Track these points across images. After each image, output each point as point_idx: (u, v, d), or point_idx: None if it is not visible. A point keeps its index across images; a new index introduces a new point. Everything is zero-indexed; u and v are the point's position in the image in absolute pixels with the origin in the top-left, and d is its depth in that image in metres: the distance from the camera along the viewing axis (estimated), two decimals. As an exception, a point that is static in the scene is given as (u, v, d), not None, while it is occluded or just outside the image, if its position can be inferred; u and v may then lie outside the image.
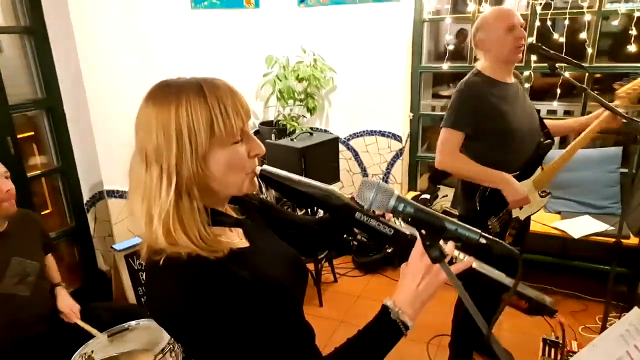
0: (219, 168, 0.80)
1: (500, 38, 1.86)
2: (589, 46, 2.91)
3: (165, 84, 0.83)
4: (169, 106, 0.78)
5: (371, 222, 0.88)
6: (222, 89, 0.81)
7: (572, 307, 2.90)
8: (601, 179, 3.02)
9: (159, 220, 0.77)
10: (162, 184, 0.77)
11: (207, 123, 0.77)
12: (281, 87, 3.33)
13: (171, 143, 0.77)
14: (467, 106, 1.89)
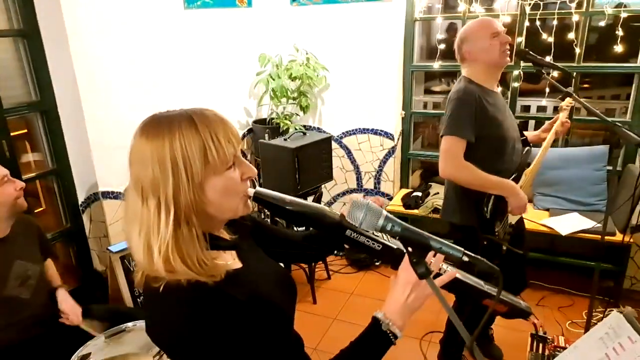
0: (214, 194, 0.83)
1: (486, 45, 1.91)
2: (577, 46, 2.96)
3: (157, 118, 0.84)
4: (163, 139, 0.80)
5: (360, 239, 0.94)
6: (212, 119, 0.84)
7: (559, 302, 2.98)
8: (588, 177, 3.08)
9: (158, 252, 0.78)
10: (160, 215, 0.79)
11: (201, 153, 0.80)
12: (274, 86, 3.35)
13: (167, 175, 0.79)
14: (467, 113, 1.88)
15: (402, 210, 3.41)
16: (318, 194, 3.18)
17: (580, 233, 2.82)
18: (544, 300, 3.00)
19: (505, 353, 2.54)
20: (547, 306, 2.95)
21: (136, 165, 0.82)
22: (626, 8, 2.74)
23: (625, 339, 0.88)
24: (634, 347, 0.85)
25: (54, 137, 2.25)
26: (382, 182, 3.69)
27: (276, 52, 3.52)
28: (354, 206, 0.81)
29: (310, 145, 2.88)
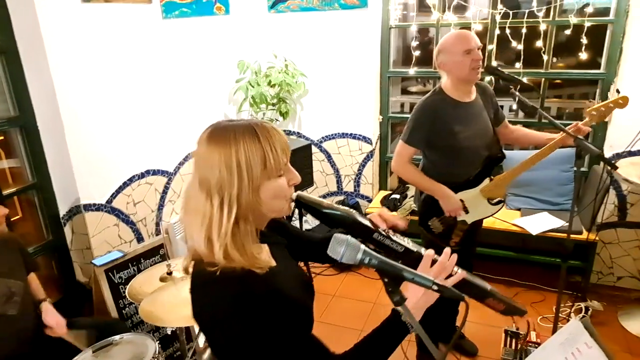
0: (267, 196, 0.96)
1: (458, 60, 2.02)
2: (545, 53, 3.10)
3: (223, 127, 0.97)
4: (230, 146, 0.93)
5: (386, 242, 1.07)
6: (270, 131, 0.97)
7: (531, 298, 3.12)
8: (557, 178, 3.23)
9: (218, 242, 0.91)
10: (223, 211, 0.92)
11: (261, 160, 0.93)
12: (253, 93, 3.39)
13: (233, 177, 0.92)
14: (420, 125, 2.11)
15: (381, 212, 3.49)
16: (299, 200, 3.24)
17: (550, 232, 2.96)
18: (517, 297, 3.14)
19: (479, 348, 2.66)
20: (520, 302, 3.06)
21: (204, 167, 0.94)
22: (590, 18, 2.88)
23: (582, 345, 0.97)
24: (590, 352, 0.94)
25: (33, 151, 2.24)
26: (361, 185, 3.77)
27: (255, 58, 3.56)
28: (335, 241, 0.88)
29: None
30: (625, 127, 2.71)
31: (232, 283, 0.91)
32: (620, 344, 2.66)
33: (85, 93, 2.33)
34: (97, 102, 2.41)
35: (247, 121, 0.98)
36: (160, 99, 2.86)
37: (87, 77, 2.34)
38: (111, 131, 2.52)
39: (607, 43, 3.00)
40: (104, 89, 2.45)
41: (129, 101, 2.62)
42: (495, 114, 2.27)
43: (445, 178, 2.15)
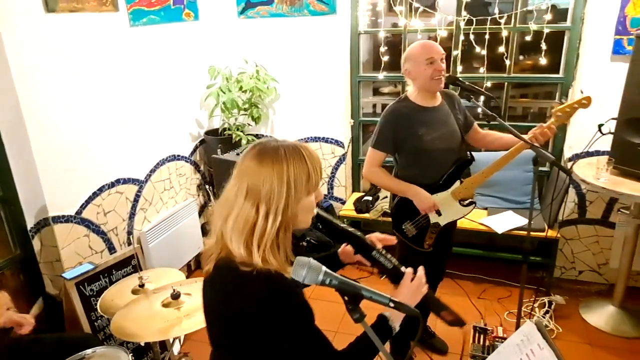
0: (303, 210, 1.09)
1: (421, 70, 2.10)
2: (507, 58, 3.21)
3: (274, 146, 1.08)
4: (282, 163, 1.04)
5: (381, 259, 1.30)
6: (313, 152, 1.11)
7: (499, 294, 3.23)
8: (521, 178, 3.36)
9: (258, 246, 1.03)
10: (268, 219, 1.03)
11: (306, 178, 1.07)
12: (225, 99, 3.39)
13: (282, 190, 1.04)
14: (387, 131, 2.20)
15: (354, 214, 3.56)
16: (272, 205, 3.27)
17: (514, 230, 3.08)
18: (485, 293, 3.25)
19: (450, 346, 2.74)
20: (487, 298, 3.19)
21: (254, 178, 1.05)
22: (548, 24, 3.01)
23: (535, 346, 1.04)
24: (542, 353, 1.01)
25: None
26: (335, 188, 3.82)
27: (225, 64, 3.56)
28: (297, 264, 0.93)
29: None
30: (584, 128, 2.84)
31: (271, 281, 1.02)
32: (581, 336, 2.80)
33: (51, 103, 2.30)
34: (64, 112, 2.38)
35: (293, 143, 1.10)
36: (130, 106, 2.84)
37: (53, 87, 2.31)
38: (79, 141, 2.49)
39: (564, 48, 3.14)
40: (71, 98, 2.42)
41: (97, 110, 2.59)
42: (464, 119, 2.34)
43: (416, 181, 2.22)
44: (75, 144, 2.46)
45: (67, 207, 2.42)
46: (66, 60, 2.37)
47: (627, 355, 2.63)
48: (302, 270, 0.93)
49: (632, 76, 2.43)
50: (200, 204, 3.72)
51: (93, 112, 2.57)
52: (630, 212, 2.67)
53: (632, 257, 2.76)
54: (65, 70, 2.37)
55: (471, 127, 2.42)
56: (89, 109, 2.54)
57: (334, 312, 3.34)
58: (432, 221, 2.28)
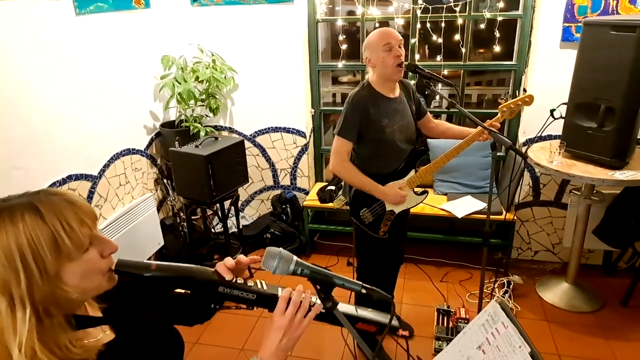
0: (74, 280, 0.80)
1: (380, 57, 2.11)
2: (463, 46, 3.27)
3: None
4: (6, 233, 0.75)
5: (234, 292, 0.97)
6: (58, 204, 0.80)
7: (460, 276, 3.33)
8: (478, 163, 3.45)
9: (20, 352, 0.73)
10: (15, 314, 0.74)
11: (51, 242, 0.77)
12: (180, 90, 3.28)
13: (17, 271, 0.74)
14: (353, 118, 2.18)
15: (318, 204, 3.55)
16: (235, 197, 3.21)
17: (473, 214, 3.17)
18: (447, 276, 3.33)
19: (414, 328, 2.80)
20: (449, 281, 3.28)
21: None
22: (501, 12, 3.08)
23: (500, 325, 1.07)
24: (507, 332, 1.03)
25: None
26: (298, 178, 3.80)
27: (179, 53, 3.44)
28: (267, 255, 0.90)
29: (222, 150, 2.89)
30: (536, 114, 2.94)
31: None
32: (538, 313, 2.93)
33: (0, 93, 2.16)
34: (8, 105, 2.23)
35: (25, 197, 0.80)
36: (80, 99, 2.70)
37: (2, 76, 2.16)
38: (26, 136, 2.34)
39: (517, 36, 3.23)
40: (15, 91, 2.27)
41: (44, 103, 2.45)
42: (417, 108, 2.39)
43: (371, 170, 2.25)
44: (21, 140, 2.31)
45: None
46: (7, 50, 2.22)
47: (581, 328, 2.77)
48: (273, 261, 0.90)
49: (581, 62, 2.53)
50: (158, 199, 3.61)
51: (40, 106, 2.42)
52: (581, 193, 2.80)
53: (583, 235, 2.90)
54: (7, 61, 2.22)
55: (424, 117, 2.47)
56: (35, 102, 2.39)
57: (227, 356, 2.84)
58: (387, 209, 2.32)
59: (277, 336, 0.94)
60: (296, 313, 0.95)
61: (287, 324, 0.94)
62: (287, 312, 0.95)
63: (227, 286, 0.97)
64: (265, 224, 3.74)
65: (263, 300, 0.99)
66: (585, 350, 2.59)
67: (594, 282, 3.13)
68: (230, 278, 0.98)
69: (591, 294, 3.01)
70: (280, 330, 0.94)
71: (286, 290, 0.99)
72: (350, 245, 3.35)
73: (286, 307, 0.95)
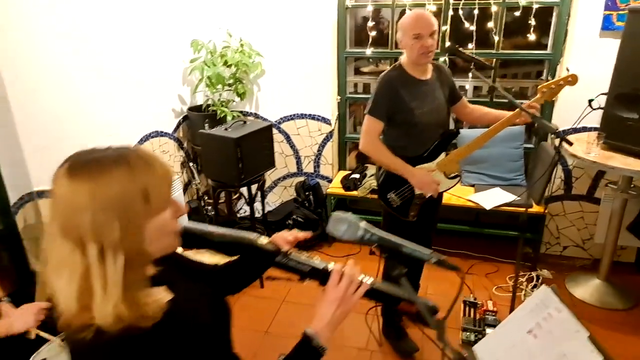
0: (153, 235, 0.82)
1: (409, 43, 2.09)
2: (496, 34, 3.20)
3: (88, 160, 0.79)
4: (101, 182, 0.76)
5: (290, 263, 1.02)
6: (145, 159, 0.82)
7: (486, 269, 3.28)
8: (508, 155, 3.38)
9: (105, 299, 0.75)
10: (106, 261, 0.76)
11: (141, 195, 0.78)
12: (210, 73, 3.28)
13: (111, 219, 0.75)
14: (383, 98, 2.16)
15: (343, 192, 3.53)
16: (261, 182, 3.21)
17: (502, 206, 3.11)
18: (473, 269, 3.29)
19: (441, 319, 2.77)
20: (475, 274, 3.23)
21: (68, 211, 0.76)
22: (538, 0, 3.00)
23: (552, 310, 1.04)
24: (561, 316, 1.01)
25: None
26: (321, 166, 3.78)
27: (209, 38, 3.44)
28: (335, 220, 0.89)
29: (251, 134, 2.88)
30: (571, 105, 2.86)
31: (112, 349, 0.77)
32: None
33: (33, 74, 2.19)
34: (46, 84, 2.26)
35: (117, 150, 0.81)
36: (111, 81, 2.72)
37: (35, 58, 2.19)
38: (61, 114, 2.37)
39: (553, 24, 3.14)
40: (52, 71, 2.30)
41: (78, 83, 2.47)
42: (450, 92, 2.34)
43: (402, 153, 2.21)
44: (57, 117, 2.34)
45: (50, 183, 2.31)
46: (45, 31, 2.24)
47: (613, 325, 2.71)
48: (342, 225, 0.89)
49: (623, 52, 2.45)
50: (184, 182, 3.63)
51: (74, 85, 2.45)
52: (617, 187, 2.73)
53: (618, 231, 2.82)
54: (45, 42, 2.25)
55: (459, 101, 2.41)
56: (71, 81, 2.42)
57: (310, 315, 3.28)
58: (416, 192, 2.28)
59: (330, 308, 0.96)
60: (348, 287, 0.96)
61: (340, 296, 0.96)
62: (340, 285, 0.96)
63: (285, 257, 1.01)
64: (289, 210, 3.74)
65: (315, 272, 1.02)
66: (617, 347, 2.52)
67: (626, 280, 3.06)
68: (287, 249, 1.01)
69: (624, 291, 2.93)
70: (334, 303, 0.96)
71: (338, 264, 1.00)
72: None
73: (339, 280, 0.96)
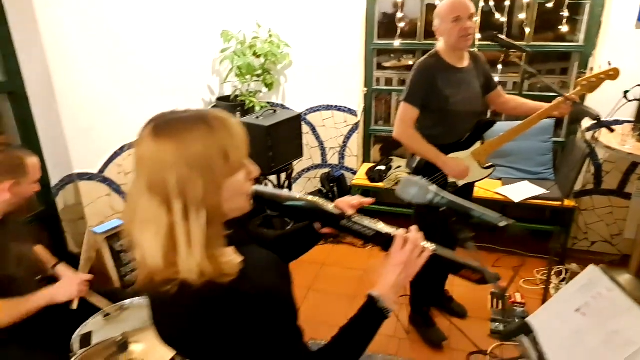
0: (229, 194, 0.84)
1: (447, 28, 2.08)
2: (527, 26, 3.17)
3: (172, 119, 0.83)
4: (186, 140, 0.80)
5: (354, 227, 1.02)
6: (227, 122, 0.85)
7: (513, 263, 3.27)
8: (536, 148, 3.36)
9: (189, 253, 0.79)
10: (189, 217, 0.79)
11: (221, 154, 0.82)
12: (240, 63, 3.33)
13: (195, 176, 0.79)
14: (419, 85, 2.15)
15: (368, 183, 3.55)
16: (290, 171, 3.25)
17: (531, 199, 3.10)
18: (499, 262, 3.28)
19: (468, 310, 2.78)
20: (502, 267, 3.23)
21: (154, 168, 0.80)
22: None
23: (602, 289, 1.05)
24: (612, 295, 1.02)
25: (22, 120, 2.14)
26: (346, 157, 3.80)
27: (238, 28, 3.48)
28: (406, 183, 0.91)
29: (281, 123, 2.92)
30: (604, 97, 2.82)
31: (198, 302, 0.80)
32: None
33: (76, 59, 2.25)
34: (87, 69, 2.33)
35: (196, 111, 0.85)
36: (150, 67, 2.78)
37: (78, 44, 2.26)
38: (101, 99, 2.44)
39: (586, 16, 3.10)
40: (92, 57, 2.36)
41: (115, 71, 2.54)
42: (486, 82, 2.33)
43: (436, 141, 2.21)
44: (97, 102, 2.41)
45: (91, 165, 2.38)
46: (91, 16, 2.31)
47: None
48: (412, 188, 0.91)
49: (661, 43, 2.41)
50: (212, 171, 3.68)
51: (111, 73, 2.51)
52: (650, 181, 2.70)
53: (649, 226, 2.79)
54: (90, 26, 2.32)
55: (493, 90, 2.40)
56: (108, 69, 2.48)
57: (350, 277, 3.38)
58: (449, 180, 2.28)
59: (395, 272, 0.97)
60: (413, 251, 0.98)
61: (405, 260, 0.97)
62: (405, 249, 0.98)
63: (350, 220, 1.01)
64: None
65: (379, 237, 1.01)
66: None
67: (656, 276, 3.02)
68: (351, 214, 1.02)
69: (655, 287, 2.90)
70: (399, 266, 0.97)
71: (402, 229, 1.01)
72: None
73: (403, 245, 0.98)
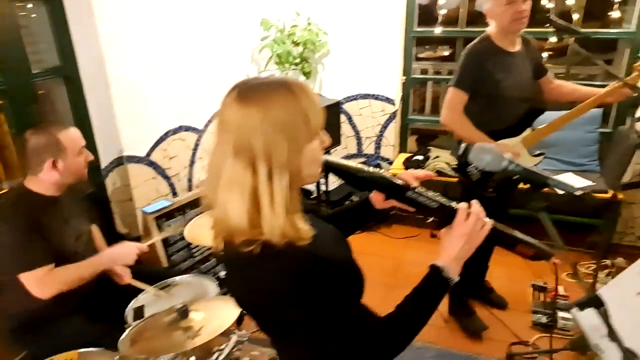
0: (306, 160, 0.86)
1: (501, 10, 2.03)
2: (575, 12, 3.08)
3: (255, 85, 0.85)
4: (271, 104, 0.82)
5: (419, 199, 1.02)
6: (306, 89, 0.87)
7: (553, 256, 3.18)
8: (581, 139, 3.26)
9: (273, 214, 0.81)
10: (273, 180, 0.81)
11: (303, 119, 0.84)
12: (280, 51, 3.35)
13: (280, 139, 0.81)
14: (469, 69, 2.12)
15: (405, 173, 3.52)
16: (326, 158, 3.26)
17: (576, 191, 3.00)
18: (539, 254, 3.20)
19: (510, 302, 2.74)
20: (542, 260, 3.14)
21: (240, 131, 0.81)
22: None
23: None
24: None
25: (75, 102, 2.23)
26: (382, 147, 3.78)
27: (277, 17, 3.50)
28: (480, 150, 0.91)
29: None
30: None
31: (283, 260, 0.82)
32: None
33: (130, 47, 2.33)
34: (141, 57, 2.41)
35: (277, 78, 0.88)
36: (192, 56, 2.84)
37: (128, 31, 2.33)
38: (150, 84, 2.51)
39: (638, 2, 2.98)
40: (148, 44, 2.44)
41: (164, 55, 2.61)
42: (536, 67, 2.27)
43: (482, 127, 2.17)
44: (147, 87, 2.49)
45: (139, 148, 2.46)
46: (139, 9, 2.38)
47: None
48: (486, 155, 0.91)
49: None
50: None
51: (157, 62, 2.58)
52: None
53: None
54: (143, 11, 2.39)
55: (544, 76, 2.34)
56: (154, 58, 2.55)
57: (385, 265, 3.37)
58: None
59: (458, 243, 0.98)
60: (476, 224, 0.98)
61: (468, 231, 0.97)
62: (468, 222, 0.98)
63: (415, 192, 1.01)
64: (348, 190, 3.78)
65: (442, 209, 1.02)
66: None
67: None
68: (416, 185, 1.03)
69: None
70: (462, 238, 0.98)
71: (463, 203, 1.01)
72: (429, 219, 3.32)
73: (466, 217, 0.98)
